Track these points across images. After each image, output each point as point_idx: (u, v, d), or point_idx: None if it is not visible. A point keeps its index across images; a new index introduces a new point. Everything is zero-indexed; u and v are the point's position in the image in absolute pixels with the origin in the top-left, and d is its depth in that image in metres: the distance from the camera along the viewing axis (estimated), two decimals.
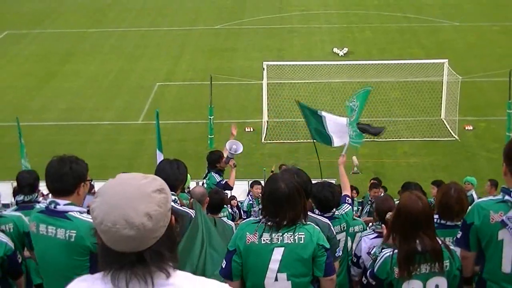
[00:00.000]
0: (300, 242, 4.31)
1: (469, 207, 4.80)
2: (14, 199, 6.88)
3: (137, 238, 2.14)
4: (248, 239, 4.33)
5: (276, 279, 4.34)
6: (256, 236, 4.33)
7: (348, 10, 33.97)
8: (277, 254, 4.31)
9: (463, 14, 32.38)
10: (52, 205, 4.44)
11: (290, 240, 4.31)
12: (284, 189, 4.29)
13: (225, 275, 4.42)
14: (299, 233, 4.32)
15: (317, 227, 4.51)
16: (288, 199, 4.28)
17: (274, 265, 4.32)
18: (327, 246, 4.40)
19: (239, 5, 35.41)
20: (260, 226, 4.35)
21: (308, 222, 4.45)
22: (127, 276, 2.16)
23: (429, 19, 31.81)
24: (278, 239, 4.31)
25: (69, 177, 4.43)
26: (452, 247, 4.68)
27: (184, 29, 32.04)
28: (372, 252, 5.57)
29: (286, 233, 4.31)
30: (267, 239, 4.31)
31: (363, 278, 5.29)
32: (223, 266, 4.38)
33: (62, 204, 4.42)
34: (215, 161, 10.03)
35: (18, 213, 5.90)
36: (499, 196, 4.62)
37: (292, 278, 4.35)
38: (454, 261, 4.53)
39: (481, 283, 4.89)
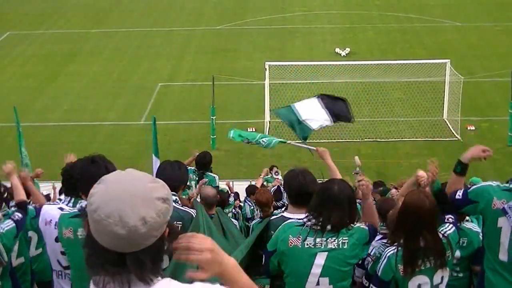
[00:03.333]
0: (344, 247, 4.31)
1: (476, 186, 4.84)
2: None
3: (124, 239, 2.04)
4: (290, 242, 4.31)
5: (318, 283, 4.34)
6: (300, 240, 4.31)
7: (350, 10, 33.94)
8: (320, 259, 4.30)
9: (465, 15, 32.33)
10: None
11: (333, 245, 4.30)
12: (337, 191, 4.30)
13: (266, 273, 4.45)
14: (343, 238, 4.31)
15: (360, 228, 4.50)
16: (339, 200, 4.28)
17: (316, 269, 4.31)
18: (367, 243, 4.51)
19: (241, 5, 35.40)
20: (304, 229, 4.33)
21: (353, 226, 4.44)
22: (105, 277, 2.09)
23: (431, 20, 31.77)
24: (321, 243, 4.29)
25: None
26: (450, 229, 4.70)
27: (186, 29, 32.04)
28: (372, 253, 5.56)
29: (330, 238, 4.29)
30: (310, 244, 4.30)
31: (365, 281, 5.27)
32: (263, 264, 4.38)
33: None
34: (210, 162, 10.11)
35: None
36: (506, 184, 4.69)
37: (334, 282, 4.35)
38: (453, 250, 4.57)
39: (480, 271, 4.93)
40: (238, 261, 4.24)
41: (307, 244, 4.29)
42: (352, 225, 4.42)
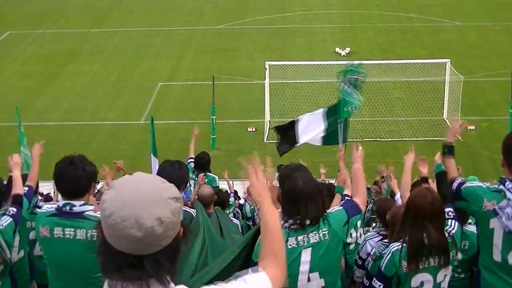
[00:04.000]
0: (326, 239, 4.32)
1: (468, 185, 4.87)
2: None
3: (142, 241, 2.04)
4: None
5: (309, 280, 4.34)
6: None
7: (350, 10, 33.95)
8: (306, 255, 4.29)
9: (465, 14, 32.34)
10: (68, 207, 4.44)
11: (315, 239, 4.30)
12: (302, 186, 4.30)
13: None
14: (323, 230, 4.32)
15: (336, 212, 4.50)
16: (308, 194, 4.28)
17: (304, 267, 4.31)
18: (347, 222, 4.47)
19: (241, 5, 35.40)
20: (284, 232, 4.33)
21: (326, 214, 4.43)
22: (123, 282, 2.08)
23: (431, 19, 31.78)
24: (304, 240, 4.30)
25: (84, 179, 4.46)
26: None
27: (186, 29, 32.05)
28: (372, 253, 5.57)
29: (311, 233, 4.30)
30: (293, 243, 4.29)
31: (366, 281, 5.28)
32: None
33: (78, 205, 4.43)
34: (208, 163, 10.11)
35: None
36: (496, 185, 4.70)
37: (324, 275, 4.35)
38: (457, 247, 4.58)
39: (476, 271, 4.94)
40: (228, 261, 4.24)
41: (290, 245, 4.28)
42: (325, 213, 4.41)
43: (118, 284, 2.10)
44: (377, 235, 5.99)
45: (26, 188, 5.81)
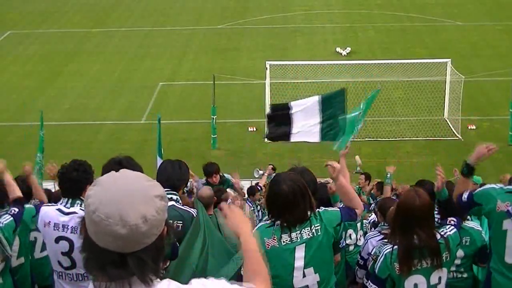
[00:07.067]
0: (318, 234, 4.34)
1: (481, 189, 4.87)
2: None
3: (126, 238, 2.02)
4: (267, 244, 4.33)
5: (304, 275, 4.37)
6: (275, 240, 4.33)
7: (351, 9, 33.94)
8: (300, 251, 4.33)
9: (466, 14, 32.34)
10: None
11: (309, 235, 4.34)
12: (285, 191, 4.30)
13: None
14: (315, 226, 4.34)
15: (331, 211, 4.51)
16: (291, 200, 4.28)
17: (299, 262, 4.35)
18: (339, 225, 4.47)
19: (242, 4, 35.41)
20: (276, 229, 4.35)
21: (319, 210, 4.44)
22: (106, 282, 2.07)
23: (432, 19, 31.77)
24: (297, 237, 4.34)
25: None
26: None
27: (187, 29, 32.05)
28: (372, 253, 5.57)
29: (303, 229, 4.32)
30: (287, 240, 4.33)
31: (365, 280, 5.30)
32: None
33: None
34: (213, 173, 10.01)
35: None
36: (510, 186, 4.70)
37: (319, 270, 4.37)
38: (451, 251, 4.56)
39: (486, 274, 4.92)
40: (239, 266, 4.26)
41: (284, 242, 4.33)
42: (319, 209, 4.42)
43: (102, 284, 2.08)
44: (379, 234, 6.00)
45: (39, 202, 5.92)
